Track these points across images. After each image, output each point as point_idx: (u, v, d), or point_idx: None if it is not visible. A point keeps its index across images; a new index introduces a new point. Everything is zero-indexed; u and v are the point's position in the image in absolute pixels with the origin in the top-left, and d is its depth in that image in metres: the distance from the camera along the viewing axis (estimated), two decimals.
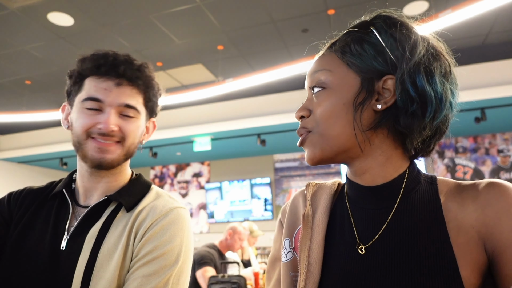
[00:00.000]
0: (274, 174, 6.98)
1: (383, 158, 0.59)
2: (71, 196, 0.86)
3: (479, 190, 0.55)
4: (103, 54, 0.83)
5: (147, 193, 0.87)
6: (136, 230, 0.79)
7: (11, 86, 5.43)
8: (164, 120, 5.63)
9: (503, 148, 5.82)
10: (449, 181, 0.60)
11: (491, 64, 4.39)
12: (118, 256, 0.75)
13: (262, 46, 4.67)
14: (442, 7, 3.68)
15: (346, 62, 0.60)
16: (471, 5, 2.98)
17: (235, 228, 3.18)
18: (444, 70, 0.58)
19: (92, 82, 0.81)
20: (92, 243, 0.77)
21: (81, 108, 0.81)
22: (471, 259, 0.51)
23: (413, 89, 0.55)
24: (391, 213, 0.58)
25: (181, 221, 0.81)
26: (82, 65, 0.83)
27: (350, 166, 0.62)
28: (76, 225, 0.81)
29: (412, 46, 0.57)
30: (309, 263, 0.61)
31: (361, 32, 0.60)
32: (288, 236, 0.69)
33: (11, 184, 6.75)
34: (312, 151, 0.61)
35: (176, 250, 0.77)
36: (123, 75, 0.81)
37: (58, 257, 0.77)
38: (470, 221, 0.53)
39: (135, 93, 0.84)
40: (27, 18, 3.81)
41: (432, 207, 0.57)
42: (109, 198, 0.83)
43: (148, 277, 0.73)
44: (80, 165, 0.86)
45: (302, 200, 0.72)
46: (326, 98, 0.60)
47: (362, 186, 0.61)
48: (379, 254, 0.57)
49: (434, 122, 0.57)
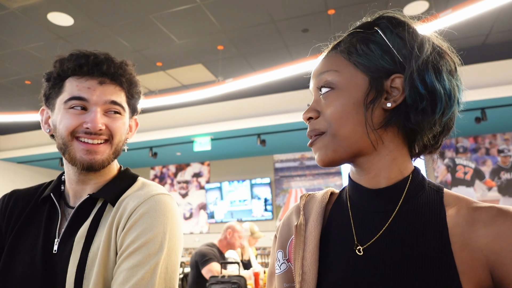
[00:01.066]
0: (274, 174, 6.98)
1: (390, 158, 0.59)
2: (59, 199, 0.85)
3: (494, 217, 0.53)
4: (83, 54, 0.81)
5: (131, 185, 0.85)
6: (118, 221, 0.77)
7: (11, 86, 5.43)
8: (164, 120, 5.63)
9: (504, 148, 5.81)
10: (461, 197, 0.59)
11: (491, 64, 4.39)
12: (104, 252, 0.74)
13: (262, 46, 4.67)
14: (442, 7, 3.68)
15: (353, 62, 0.60)
16: (471, 5, 2.98)
17: (234, 227, 3.20)
18: (450, 67, 0.59)
19: (73, 82, 0.80)
20: (82, 243, 0.76)
21: (65, 109, 0.79)
22: (475, 277, 0.51)
23: (423, 87, 0.56)
24: (392, 215, 0.58)
25: (163, 207, 0.78)
26: (61, 66, 0.81)
27: (356, 163, 0.62)
28: (65, 227, 0.80)
29: (420, 44, 0.58)
30: (303, 271, 0.60)
31: (366, 33, 0.61)
32: (281, 248, 0.69)
33: (11, 184, 6.75)
34: (324, 153, 0.61)
35: (159, 238, 0.74)
36: (106, 73, 0.81)
37: (51, 261, 0.77)
38: (479, 244, 0.52)
39: (118, 90, 0.83)
40: (27, 18, 3.81)
41: (435, 214, 0.56)
42: (92, 196, 0.81)
43: (133, 269, 0.71)
44: (67, 168, 0.84)
45: (296, 212, 0.72)
46: (335, 99, 0.60)
47: (365, 189, 0.61)
48: (377, 255, 0.56)
49: (443, 118, 0.58)
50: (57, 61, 0.82)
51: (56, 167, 7.11)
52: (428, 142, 0.60)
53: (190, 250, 7.07)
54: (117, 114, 0.83)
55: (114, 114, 0.82)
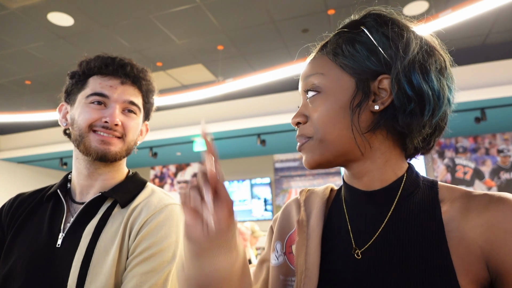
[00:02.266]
0: (274, 174, 6.98)
1: (382, 160, 0.58)
2: (65, 195, 0.87)
3: (487, 205, 0.52)
4: (108, 56, 0.88)
5: (142, 190, 0.89)
6: (131, 226, 0.80)
7: (11, 86, 5.43)
8: (164, 120, 5.63)
9: (503, 148, 5.82)
10: (455, 188, 0.58)
11: (491, 64, 4.39)
12: (114, 252, 0.76)
13: (262, 46, 4.67)
14: (442, 7, 3.68)
15: (339, 64, 0.58)
16: (471, 5, 2.98)
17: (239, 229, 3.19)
18: (440, 66, 0.57)
19: (97, 80, 0.86)
20: (89, 239, 0.78)
21: (86, 104, 0.85)
22: (471, 272, 0.50)
23: (410, 88, 0.54)
24: (387, 217, 0.57)
25: (176, 217, 0.83)
26: (87, 65, 0.87)
27: (349, 168, 0.61)
28: (72, 222, 0.82)
29: (405, 44, 0.56)
30: (306, 268, 0.59)
31: (352, 32, 0.59)
32: (280, 239, 0.68)
33: (11, 184, 6.75)
34: (311, 156, 0.60)
35: (172, 247, 0.78)
36: (128, 74, 0.87)
37: (54, 254, 0.78)
38: (473, 235, 0.51)
39: (137, 93, 0.90)
40: (27, 18, 3.81)
41: (430, 212, 0.55)
42: (104, 195, 0.84)
43: (147, 274, 0.73)
44: (77, 162, 0.88)
45: (295, 206, 0.71)
46: (321, 103, 0.58)
47: (360, 191, 0.60)
48: (375, 259, 0.56)
49: (433, 120, 0.56)
50: (83, 61, 0.89)
51: (56, 167, 7.10)
52: (418, 144, 0.59)
53: None
54: (133, 114, 0.89)
55: (130, 113, 0.88)
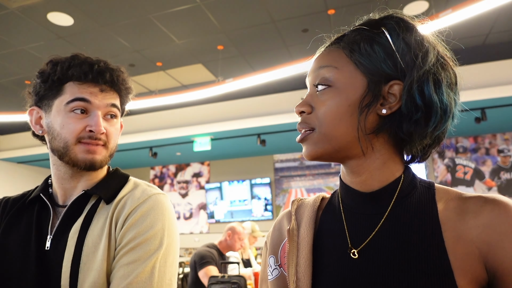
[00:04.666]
0: (274, 174, 6.98)
1: (381, 161, 0.58)
2: (49, 199, 0.87)
3: (482, 207, 0.53)
4: (85, 60, 0.84)
5: (125, 184, 0.89)
6: (116, 219, 0.80)
7: (11, 86, 5.43)
8: (164, 120, 5.64)
9: (504, 148, 5.82)
10: (450, 190, 0.59)
11: (491, 64, 4.39)
12: (103, 247, 0.76)
13: (262, 46, 4.66)
14: (442, 7, 3.68)
15: (354, 61, 0.58)
16: (471, 5, 2.98)
17: (234, 228, 3.17)
18: (450, 80, 0.58)
19: (74, 86, 0.83)
20: (76, 238, 0.78)
21: (66, 112, 0.82)
22: (469, 271, 0.50)
23: (420, 98, 0.54)
24: (384, 217, 0.58)
25: (160, 206, 0.82)
26: (62, 70, 0.83)
27: (347, 165, 0.61)
28: (58, 224, 0.82)
29: (425, 53, 0.56)
30: (297, 278, 0.59)
31: (372, 32, 0.58)
32: (273, 253, 0.68)
33: (11, 184, 6.75)
34: (314, 148, 0.59)
35: (159, 235, 0.78)
36: (107, 81, 0.85)
37: (44, 257, 0.79)
38: (470, 236, 0.52)
39: (116, 96, 0.88)
40: (27, 18, 3.81)
41: (427, 212, 0.56)
42: (87, 193, 0.84)
43: (133, 264, 0.74)
44: (57, 169, 0.87)
45: (287, 217, 0.71)
46: (331, 97, 0.58)
47: (358, 192, 0.60)
48: (372, 258, 0.56)
49: (435, 132, 0.57)
50: (57, 63, 0.84)
51: None
52: (416, 153, 0.60)
53: (190, 250, 7.06)
54: (114, 118, 0.88)
55: (111, 118, 0.87)
